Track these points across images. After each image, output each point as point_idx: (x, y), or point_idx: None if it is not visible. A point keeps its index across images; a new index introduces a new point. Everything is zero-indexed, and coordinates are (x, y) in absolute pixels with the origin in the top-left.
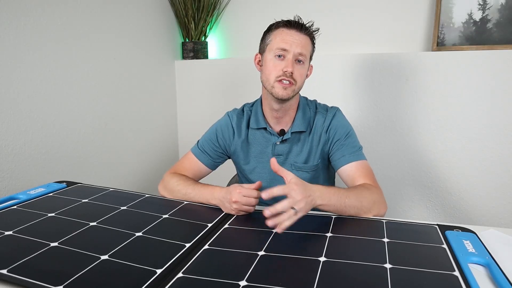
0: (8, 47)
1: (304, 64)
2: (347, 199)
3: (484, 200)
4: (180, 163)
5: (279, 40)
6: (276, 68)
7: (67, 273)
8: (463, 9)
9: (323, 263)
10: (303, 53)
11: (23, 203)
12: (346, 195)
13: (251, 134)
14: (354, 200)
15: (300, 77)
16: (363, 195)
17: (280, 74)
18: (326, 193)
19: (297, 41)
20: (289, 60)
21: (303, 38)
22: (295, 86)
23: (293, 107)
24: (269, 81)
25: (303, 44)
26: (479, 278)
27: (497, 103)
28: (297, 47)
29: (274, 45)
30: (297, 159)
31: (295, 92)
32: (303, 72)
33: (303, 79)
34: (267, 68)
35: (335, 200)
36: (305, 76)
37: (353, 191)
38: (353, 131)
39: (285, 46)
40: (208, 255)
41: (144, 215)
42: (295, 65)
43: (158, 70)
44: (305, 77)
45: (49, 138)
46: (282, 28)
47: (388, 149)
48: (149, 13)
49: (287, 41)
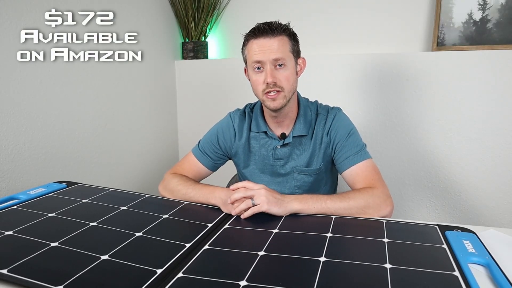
0: (8, 47)
1: (287, 66)
2: (328, 200)
3: (484, 200)
4: (181, 164)
5: (252, 53)
6: (259, 82)
7: (67, 273)
8: (463, 9)
9: (323, 263)
10: (279, 57)
11: (23, 203)
12: (326, 198)
13: (252, 136)
14: (338, 201)
15: (286, 81)
16: (350, 196)
17: (264, 87)
18: (300, 198)
19: (268, 48)
20: (267, 71)
21: (274, 42)
22: (284, 93)
23: (293, 109)
24: (258, 96)
25: (277, 47)
26: (479, 278)
27: (497, 103)
28: (270, 53)
29: (250, 59)
30: (298, 162)
31: (287, 97)
32: (288, 75)
33: (291, 82)
34: (252, 83)
35: (312, 203)
36: (293, 77)
37: (338, 194)
38: (355, 130)
39: (258, 58)
40: (208, 255)
41: (144, 215)
42: (275, 72)
43: (158, 70)
44: (294, 78)
45: (49, 138)
46: (251, 40)
47: (388, 149)
48: (149, 13)
49: (258, 52)
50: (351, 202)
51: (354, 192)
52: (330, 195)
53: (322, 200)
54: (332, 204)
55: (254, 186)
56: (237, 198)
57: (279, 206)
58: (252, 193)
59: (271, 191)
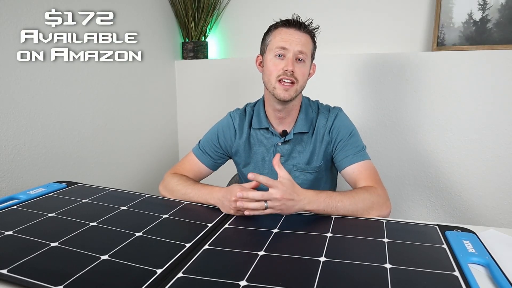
0: (8, 47)
1: (305, 62)
2: (339, 203)
3: (484, 200)
4: (181, 163)
5: (279, 39)
6: (276, 68)
7: (67, 273)
8: (463, 9)
9: (323, 263)
10: (303, 51)
11: (23, 203)
12: (338, 199)
13: (253, 134)
14: (348, 204)
15: (301, 76)
16: (359, 197)
17: (281, 74)
18: (315, 199)
19: (296, 39)
20: (289, 59)
21: (302, 36)
22: (297, 85)
23: (296, 107)
24: (271, 81)
25: (303, 42)
26: (479, 278)
27: (497, 103)
28: (297, 45)
29: (274, 44)
30: (299, 160)
31: (298, 92)
32: (304, 71)
33: (305, 78)
34: (267, 69)
35: (324, 206)
36: (307, 75)
37: (347, 194)
38: (356, 131)
39: (285, 45)
40: (208, 255)
41: (144, 215)
42: (295, 64)
43: (158, 70)
44: (307, 76)
45: (49, 138)
46: (281, 28)
47: (388, 149)
48: (149, 13)
49: (286, 39)
50: (359, 204)
51: (361, 192)
52: (341, 195)
53: (334, 203)
54: (342, 207)
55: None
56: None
57: (289, 211)
58: (268, 197)
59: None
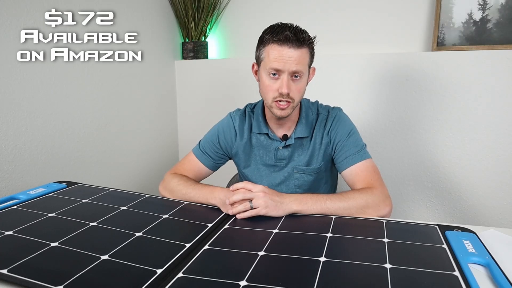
0: (8, 47)
1: (302, 78)
2: (328, 201)
3: (484, 200)
4: (181, 163)
5: (272, 59)
6: (272, 88)
7: (67, 273)
8: (463, 9)
9: (323, 263)
10: (298, 70)
11: (23, 203)
12: (326, 198)
13: (253, 137)
14: (338, 202)
15: (298, 93)
16: (349, 196)
17: (277, 95)
18: (300, 198)
19: (291, 58)
20: (284, 80)
21: (297, 53)
22: (293, 103)
23: (295, 112)
24: (267, 100)
25: (298, 60)
26: (479, 278)
27: (497, 103)
28: (291, 65)
29: (267, 63)
30: (299, 162)
31: (295, 107)
32: (301, 87)
33: (301, 93)
34: (263, 86)
35: (312, 204)
36: (304, 88)
37: (337, 194)
38: (355, 130)
39: (278, 66)
40: (208, 255)
41: (144, 215)
42: (291, 83)
43: (158, 70)
44: (304, 90)
45: (49, 138)
46: (274, 45)
47: (388, 149)
48: (149, 13)
49: (280, 60)
50: (351, 202)
51: (353, 192)
52: (330, 194)
53: (321, 200)
54: (332, 204)
55: (253, 188)
56: (236, 200)
57: (277, 209)
58: (251, 195)
59: (271, 193)
